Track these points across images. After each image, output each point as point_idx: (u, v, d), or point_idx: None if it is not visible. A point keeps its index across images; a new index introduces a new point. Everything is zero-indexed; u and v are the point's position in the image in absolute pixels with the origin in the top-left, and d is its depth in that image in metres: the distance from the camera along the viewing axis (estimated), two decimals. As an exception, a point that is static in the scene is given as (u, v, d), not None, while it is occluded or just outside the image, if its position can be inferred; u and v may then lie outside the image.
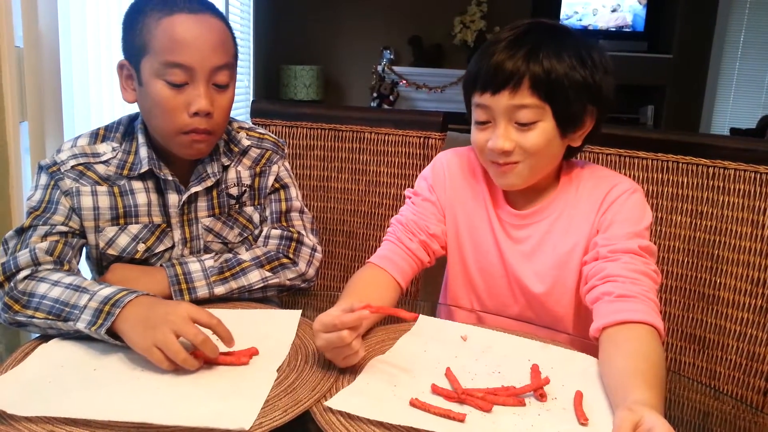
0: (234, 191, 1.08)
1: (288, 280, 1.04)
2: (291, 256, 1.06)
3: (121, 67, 0.99)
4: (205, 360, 0.77)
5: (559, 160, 1.00)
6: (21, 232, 0.95)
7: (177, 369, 0.75)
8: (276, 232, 1.09)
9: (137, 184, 1.01)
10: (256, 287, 1.00)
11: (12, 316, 0.86)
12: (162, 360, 0.75)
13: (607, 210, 0.97)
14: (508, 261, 1.03)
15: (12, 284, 0.89)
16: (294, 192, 1.14)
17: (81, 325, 0.80)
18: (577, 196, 1.00)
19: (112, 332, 0.80)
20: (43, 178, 0.99)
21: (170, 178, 1.01)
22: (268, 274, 1.02)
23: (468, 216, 1.06)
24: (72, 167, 0.98)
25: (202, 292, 0.97)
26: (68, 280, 0.87)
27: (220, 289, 0.98)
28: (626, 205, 0.96)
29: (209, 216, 1.06)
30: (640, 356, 0.76)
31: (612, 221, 0.96)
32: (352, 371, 0.77)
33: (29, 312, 0.85)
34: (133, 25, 0.95)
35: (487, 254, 1.05)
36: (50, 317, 0.83)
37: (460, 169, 1.08)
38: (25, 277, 0.89)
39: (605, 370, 0.79)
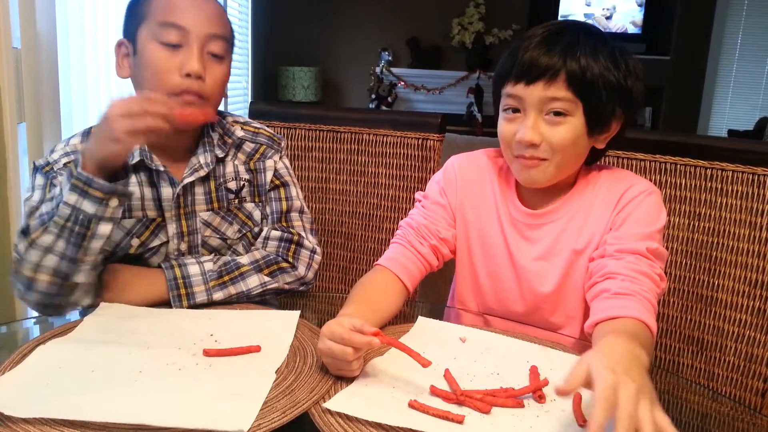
0: (232, 185, 1.08)
1: (286, 284, 1.04)
2: (290, 260, 1.06)
3: (119, 45, 1.01)
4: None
5: (582, 161, 1.00)
6: (25, 231, 0.94)
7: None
8: (276, 233, 1.08)
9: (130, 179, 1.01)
10: (254, 292, 1.00)
11: (23, 267, 0.88)
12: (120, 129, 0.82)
13: (622, 209, 0.97)
14: (517, 262, 1.03)
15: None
16: (294, 191, 1.13)
17: (66, 190, 0.85)
18: (594, 196, 1.00)
19: (98, 183, 0.85)
20: (39, 179, 0.99)
21: (162, 168, 1.00)
22: (266, 278, 1.01)
23: (478, 219, 1.06)
24: (65, 164, 0.98)
25: (201, 297, 0.96)
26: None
27: (218, 295, 0.97)
28: (641, 206, 0.96)
29: (208, 210, 1.06)
30: (626, 331, 0.78)
31: (624, 220, 0.96)
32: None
33: (27, 243, 0.88)
34: (134, 6, 0.99)
35: (495, 257, 1.05)
36: (45, 223, 0.87)
37: (471, 173, 1.08)
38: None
39: None
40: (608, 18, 4.79)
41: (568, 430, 0.68)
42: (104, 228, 0.89)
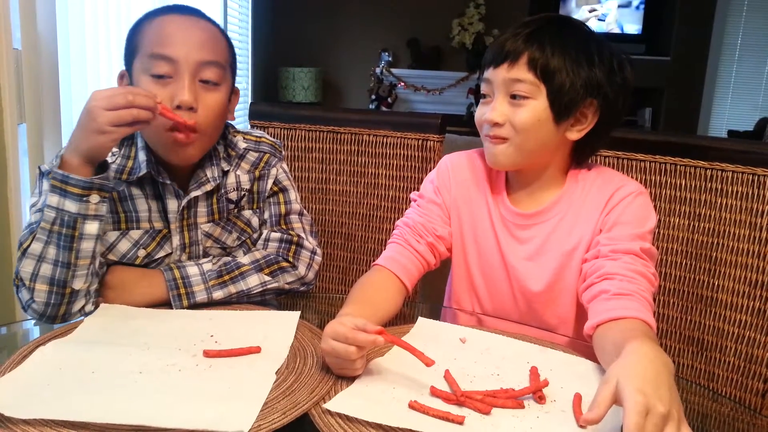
0: (233, 196, 1.08)
1: (287, 283, 1.04)
2: (291, 259, 1.06)
3: (121, 77, 1.01)
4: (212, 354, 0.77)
5: (555, 150, 1.00)
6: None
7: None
8: (276, 235, 1.08)
9: (135, 190, 1.00)
10: (254, 292, 1.00)
11: (23, 283, 0.88)
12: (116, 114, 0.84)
13: (612, 210, 0.97)
14: (509, 262, 1.03)
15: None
16: (293, 195, 1.13)
17: (48, 194, 0.86)
18: (583, 197, 1.01)
19: (81, 181, 0.86)
20: (46, 184, 0.98)
21: (168, 182, 1.00)
22: (267, 278, 1.01)
23: (471, 217, 1.07)
24: None
25: (201, 296, 0.96)
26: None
27: (218, 294, 0.97)
28: (631, 207, 0.97)
29: (209, 221, 1.06)
30: (633, 329, 0.79)
31: (615, 222, 0.96)
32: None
33: (19, 253, 0.88)
34: (131, 36, 0.98)
35: (488, 255, 1.06)
36: (33, 231, 0.88)
37: (465, 171, 1.09)
38: None
39: (601, 356, 0.81)
40: (599, 19, 4.78)
41: (568, 430, 0.68)
42: (90, 227, 0.88)
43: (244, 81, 3.98)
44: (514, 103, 0.95)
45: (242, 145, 1.09)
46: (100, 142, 0.85)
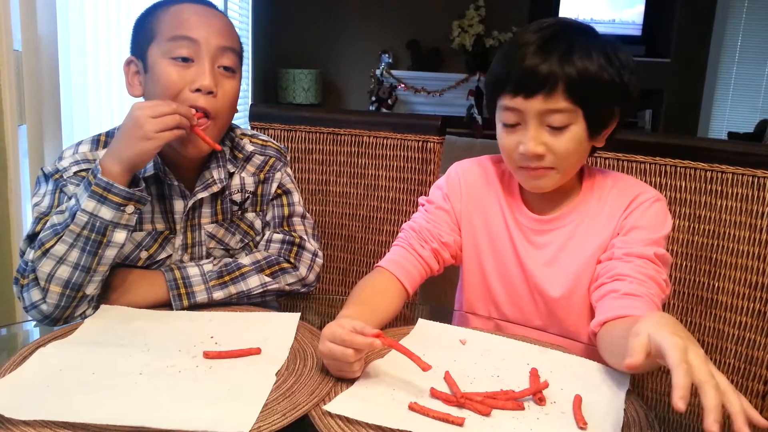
0: (237, 197, 1.08)
1: (287, 285, 1.04)
2: (292, 260, 1.06)
3: (128, 63, 1.01)
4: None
5: (584, 162, 1.00)
6: (33, 237, 0.93)
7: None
8: (278, 236, 1.09)
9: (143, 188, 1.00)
10: (255, 292, 1.00)
11: (34, 283, 0.88)
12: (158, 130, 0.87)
13: (630, 214, 0.97)
14: (527, 267, 1.02)
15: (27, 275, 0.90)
16: (296, 197, 1.14)
17: (83, 198, 0.87)
18: (601, 204, 1.00)
19: (114, 186, 0.87)
20: (49, 185, 0.98)
21: (176, 183, 1.00)
22: (267, 279, 1.01)
23: (486, 224, 1.06)
24: (75, 173, 0.97)
25: (201, 297, 0.96)
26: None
27: (218, 294, 0.97)
28: (648, 212, 0.97)
29: (212, 222, 1.06)
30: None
31: (632, 226, 0.96)
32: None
33: (39, 253, 0.87)
34: (142, 23, 0.99)
35: (505, 262, 1.04)
36: (59, 233, 0.87)
37: (476, 179, 1.08)
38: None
39: (606, 352, 0.82)
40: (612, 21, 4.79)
41: (568, 432, 0.68)
42: (119, 235, 0.89)
43: (244, 82, 3.98)
44: (553, 131, 0.91)
45: (249, 148, 1.10)
46: (145, 148, 0.87)
